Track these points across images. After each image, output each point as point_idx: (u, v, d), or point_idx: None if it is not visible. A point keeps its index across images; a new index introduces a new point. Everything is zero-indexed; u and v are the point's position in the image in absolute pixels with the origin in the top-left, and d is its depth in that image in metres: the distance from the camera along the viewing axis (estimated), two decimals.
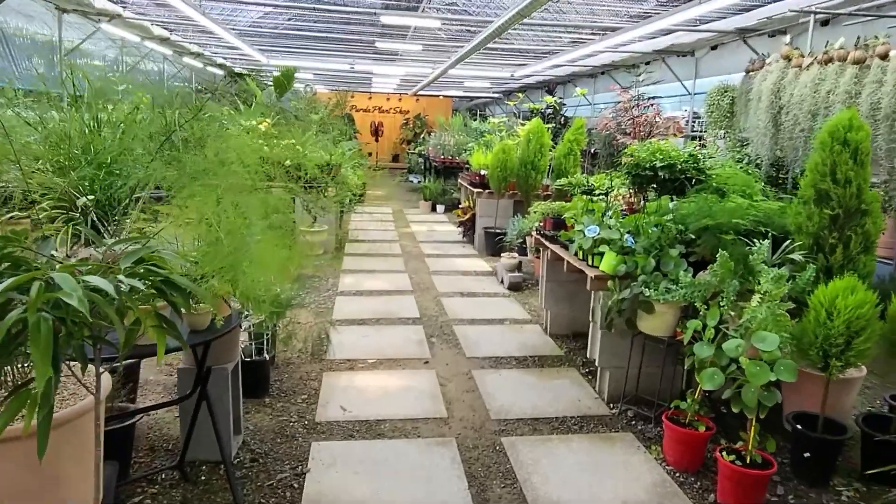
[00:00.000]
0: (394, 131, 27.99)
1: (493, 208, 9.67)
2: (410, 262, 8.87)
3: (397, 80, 20.29)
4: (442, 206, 13.93)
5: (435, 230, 11.66)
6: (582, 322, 5.63)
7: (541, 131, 9.16)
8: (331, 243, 9.18)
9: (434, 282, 7.79)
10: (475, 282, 7.88)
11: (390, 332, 5.77)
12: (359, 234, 10.92)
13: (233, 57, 16.90)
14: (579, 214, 4.92)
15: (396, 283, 7.59)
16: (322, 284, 7.40)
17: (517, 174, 9.28)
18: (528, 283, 7.72)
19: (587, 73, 16.36)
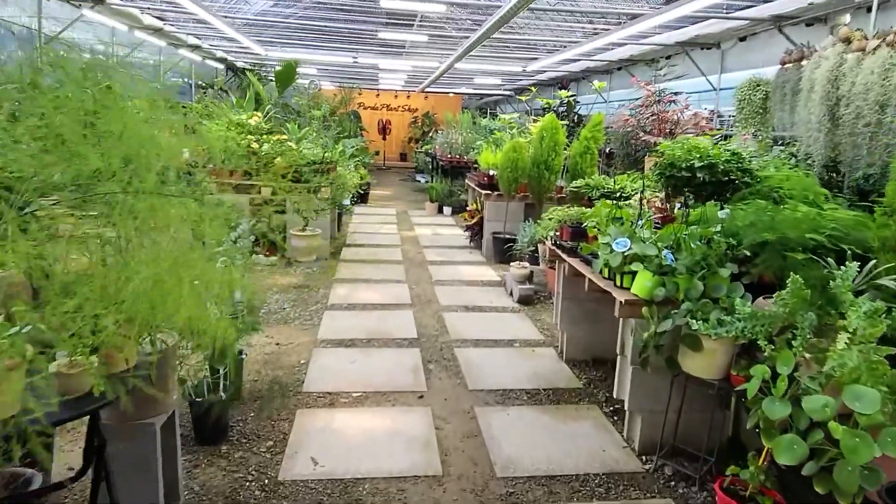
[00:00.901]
0: (402, 130, 27.28)
1: (503, 212, 8.89)
2: (412, 271, 8.11)
3: (404, 75, 19.55)
4: (448, 208, 13.16)
5: (440, 234, 10.90)
6: (604, 346, 4.85)
7: (555, 128, 8.37)
8: (325, 248, 8.43)
9: (436, 293, 7.02)
10: (482, 294, 7.11)
11: (382, 356, 5.00)
12: (358, 237, 10.17)
13: (232, 50, 16.22)
14: (603, 223, 4.14)
15: (394, 295, 6.83)
16: (311, 296, 6.65)
17: (529, 175, 8.49)
18: (541, 297, 6.94)
19: (602, 68, 15.53)
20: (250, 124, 8.45)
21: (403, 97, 27.54)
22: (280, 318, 5.87)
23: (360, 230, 10.88)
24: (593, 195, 7.22)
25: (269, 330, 5.50)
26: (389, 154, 26.77)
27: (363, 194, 14.26)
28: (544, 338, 5.62)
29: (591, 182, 7.33)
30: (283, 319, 5.82)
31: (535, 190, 8.57)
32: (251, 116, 8.57)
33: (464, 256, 9.11)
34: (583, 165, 8.40)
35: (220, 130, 8.15)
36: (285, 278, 7.35)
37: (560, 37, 13.55)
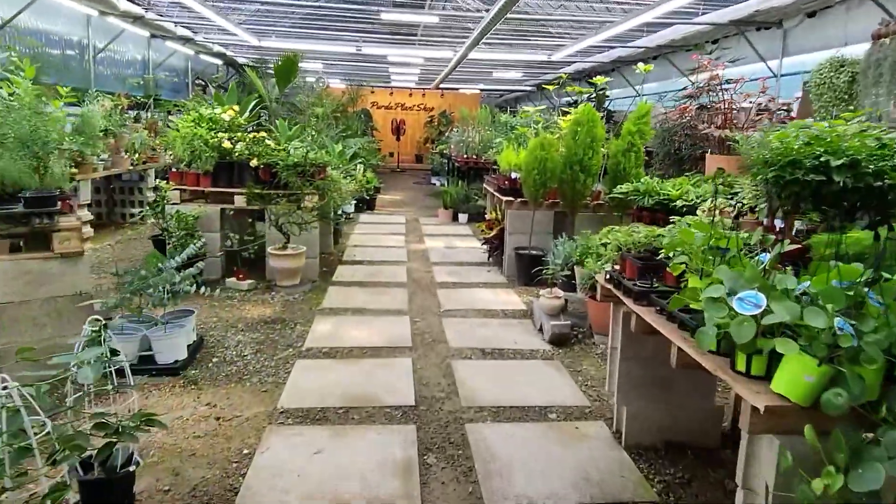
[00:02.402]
0: (417, 130, 25.83)
1: (528, 222, 7.37)
2: (417, 296, 6.62)
3: (417, 70, 18.10)
4: (464, 215, 11.66)
5: (454, 247, 9.39)
6: (684, 426, 3.34)
7: (592, 120, 6.83)
8: (312, 269, 6.97)
9: (445, 330, 5.53)
10: (503, 329, 5.60)
11: (361, 441, 3.51)
12: (357, 252, 8.70)
13: (229, 43, 14.89)
14: (699, 258, 2.61)
15: (391, 334, 5.34)
16: (283, 336, 5.19)
17: (560, 177, 6.97)
18: (579, 335, 5.41)
19: (636, 57, 13.93)
20: (224, 119, 7.03)
21: (418, 95, 26.09)
22: (234, 371, 4.41)
23: (361, 243, 9.41)
24: (644, 203, 5.68)
25: (213, 393, 4.05)
26: (404, 155, 25.35)
27: (369, 200, 12.83)
28: (590, 402, 4.10)
29: (640, 187, 5.79)
30: (238, 375, 4.36)
31: (567, 196, 7.03)
32: (226, 110, 7.15)
33: (481, 276, 7.59)
34: (626, 166, 6.85)
35: (186, 127, 6.74)
36: (258, 309, 5.90)
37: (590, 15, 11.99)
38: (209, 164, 6.60)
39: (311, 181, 6.53)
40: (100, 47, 11.42)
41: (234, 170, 6.78)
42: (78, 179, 7.94)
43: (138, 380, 4.16)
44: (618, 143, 6.97)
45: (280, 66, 11.71)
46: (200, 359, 4.62)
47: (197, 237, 6.36)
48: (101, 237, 8.94)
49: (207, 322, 5.45)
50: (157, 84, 13.55)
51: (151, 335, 4.31)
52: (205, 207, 6.63)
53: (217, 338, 5.07)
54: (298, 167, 6.48)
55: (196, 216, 6.45)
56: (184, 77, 16.14)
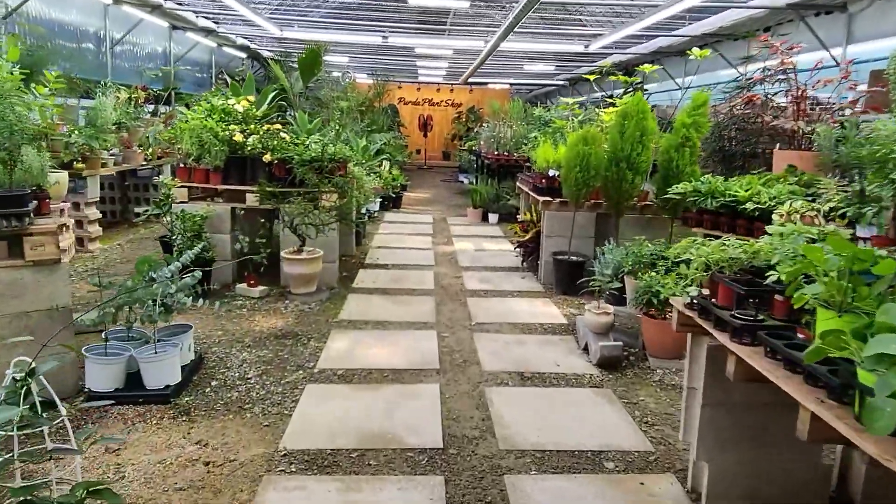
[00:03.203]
0: (445, 126, 25.20)
1: (567, 225, 6.67)
2: (445, 306, 5.97)
3: (445, 63, 17.43)
4: (495, 215, 10.97)
5: (485, 249, 8.72)
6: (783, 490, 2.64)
7: (642, 111, 6.11)
8: (331, 274, 6.36)
9: (477, 348, 4.87)
10: (542, 347, 4.92)
11: (377, 497, 2.87)
12: (381, 254, 8.09)
13: (251, 35, 14.39)
14: (837, 288, 1.90)
15: (416, 352, 4.70)
16: (294, 354, 4.58)
17: (605, 176, 6.26)
18: (631, 356, 4.71)
19: (679, 47, 13.09)
20: (237, 111, 6.46)
21: (446, 91, 25.45)
22: (234, 399, 3.81)
23: (385, 244, 8.79)
24: (706, 205, 4.94)
25: (207, 426, 3.45)
26: (431, 152, 24.74)
27: (395, 198, 12.22)
28: (653, 446, 3.40)
29: (702, 186, 5.05)
30: (238, 403, 3.76)
31: (612, 197, 6.32)
32: (240, 101, 6.58)
33: (515, 283, 6.91)
34: (679, 163, 6.09)
35: (196, 119, 6.19)
36: (268, 320, 5.31)
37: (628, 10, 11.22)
38: (219, 160, 6.03)
39: (330, 178, 5.92)
40: (117, 38, 10.99)
41: (246, 166, 6.21)
42: (85, 175, 7.46)
43: (121, 410, 3.58)
44: (670, 138, 6.22)
45: (304, 57, 11.15)
46: (197, 382, 4.03)
47: (204, 239, 5.79)
48: (112, 236, 8.47)
49: (211, 335, 4.87)
50: (178, 77, 13.12)
51: (139, 356, 3.73)
52: (214, 206, 6.07)
53: (219, 355, 4.48)
54: (315, 162, 5.87)
55: (204, 216, 5.88)
56: (208, 71, 15.72)
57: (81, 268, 6.82)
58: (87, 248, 7.52)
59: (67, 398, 3.67)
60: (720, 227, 4.91)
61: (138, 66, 12.09)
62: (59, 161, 7.31)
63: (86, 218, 7.52)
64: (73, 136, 7.37)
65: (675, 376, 4.40)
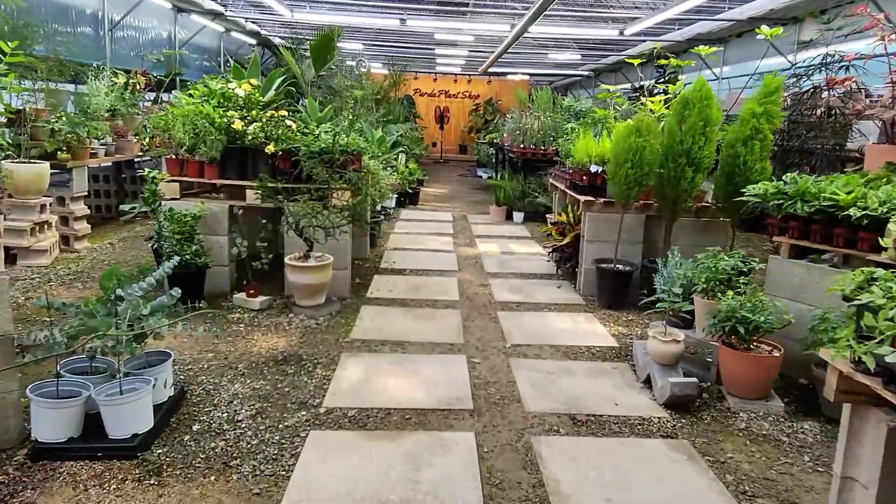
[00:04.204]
0: (462, 119, 24.34)
1: (612, 228, 5.84)
2: (474, 322, 5.17)
3: (465, 51, 16.56)
4: (520, 213, 10.13)
5: (512, 252, 7.90)
6: None
7: (706, 98, 5.24)
8: (342, 282, 5.57)
9: (515, 378, 4.06)
10: (595, 379, 4.10)
11: None
12: (398, 257, 7.28)
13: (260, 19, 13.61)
14: None
15: (443, 385, 3.90)
16: (297, 386, 3.79)
17: (660, 173, 5.42)
18: (705, 394, 3.87)
19: (717, 34, 12.17)
20: (238, 95, 5.67)
21: (464, 82, 24.58)
22: (219, 452, 3.02)
23: (402, 245, 7.99)
24: (796, 210, 4.07)
25: (181, 494, 2.67)
26: (447, 145, 23.88)
27: (412, 193, 11.41)
28: None
29: (788, 188, 4.17)
30: (224, 458, 2.97)
31: (667, 197, 5.48)
32: (241, 84, 5.79)
33: (550, 294, 6.08)
34: (748, 158, 5.23)
35: (190, 103, 5.41)
36: (268, 339, 4.52)
37: None
38: (215, 150, 5.25)
39: (342, 173, 5.11)
40: (116, 19, 10.24)
41: (247, 158, 5.43)
42: (70, 166, 6.71)
43: (74, 468, 2.81)
44: (736, 130, 5.35)
45: (316, 43, 10.34)
46: (175, 426, 3.25)
47: (196, 242, 5.02)
48: (103, 234, 7.73)
49: (199, 359, 4.09)
50: (182, 63, 12.36)
51: (100, 397, 2.95)
52: (208, 204, 5.29)
53: (207, 387, 3.70)
54: (325, 155, 5.07)
55: (197, 215, 5.10)
56: (216, 59, 14.94)
57: (64, 270, 6.07)
58: (73, 248, 6.78)
59: (8, 449, 2.91)
60: (811, 238, 4.06)
61: (141, 52, 11.35)
62: (42, 151, 6.59)
63: (71, 214, 6.77)
64: (58, 123, 6.62)
65: (763, 423, 3.56)
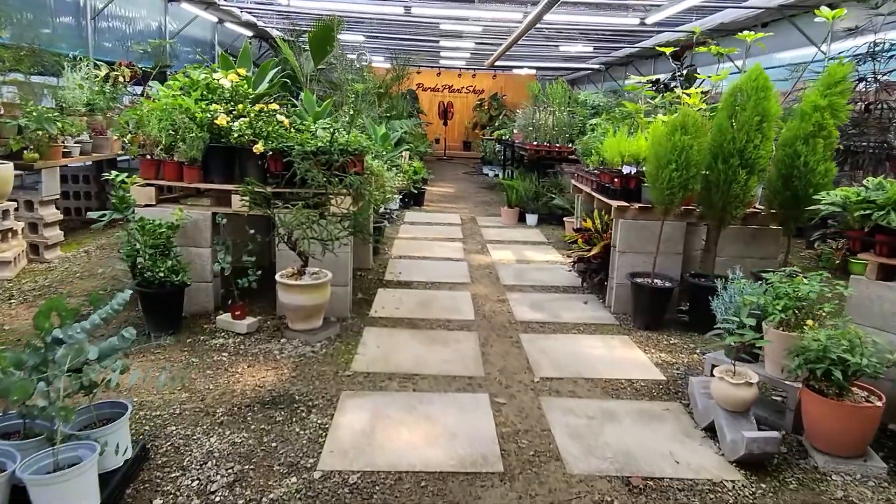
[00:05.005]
0: (466, 114, 23.60)
1: (649, 237, 5.15)
2: (493, 348, 4.48)
3: (471, 44, 15.82)
4: (534, 216, 9.44)
5: (529, 261, 7.20)
6: None
7: (763, 89, 4.54)
8: (342, 301, 4.87)
9: (550, 426, 3.36)
10: (644, 426, 3.41)
11: None
12: (403, 267, 6.59)
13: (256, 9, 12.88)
14: None
15: (464, 436, 3.21)
16: (289, 436, 3.10)
17: (707, 176, 4.73)
18: (791, 451, 3.18)
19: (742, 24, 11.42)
20: (223, 87, 4.97)
21: (468, 77, 23.85)
22: None
23: (408, 252, 7.30)
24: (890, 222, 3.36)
25: None
26: (451, 142, 23.17)
27: (417, 194, 10.71)
28: None
29: (879, 196, 3.46)
30: None
31: (714, 202, 4.79)
32: (227, 75, 5.09)
33: (577, 312, 5.39)
34: (809, 159, 4.54)
35: (168, 95, 4.71)
36: (256, 373, 3.83)
37: None
38: (196, 150, 4.55)
39: (342, 176, 4.41)
40: (99, 7, 9.53)
41: (233, 158, 4.73)
42: (38, 167, 6.01)
43: None
44: (795, 126, 4.66)
45: (315, 33, 9.63)
46: (131, 502, 2.56)
47: (172, 256, 4.32)
48: (79, 240, 7.04)
49: (170, 402, 3.40)
50: (173, 54, 11.64)
51: (27, 474, 2.26)
52: (188, 212, 4.59)
53: (176, 442, 3.01)
54: (322, 155, 4.37)
55: (174, 225, 4.40)
56: (210, 52, 14.22)
57: (30, 284, 5.38)
58: (44, 258, 6.09)
59: None
60: None
61: (128, 44, 10.65)
62: (7, 150, 5.90)
63: (41, 220, 6.08)
64: (24, 119, 5.93)
65: (864, 489, 2.87)
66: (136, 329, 4.35)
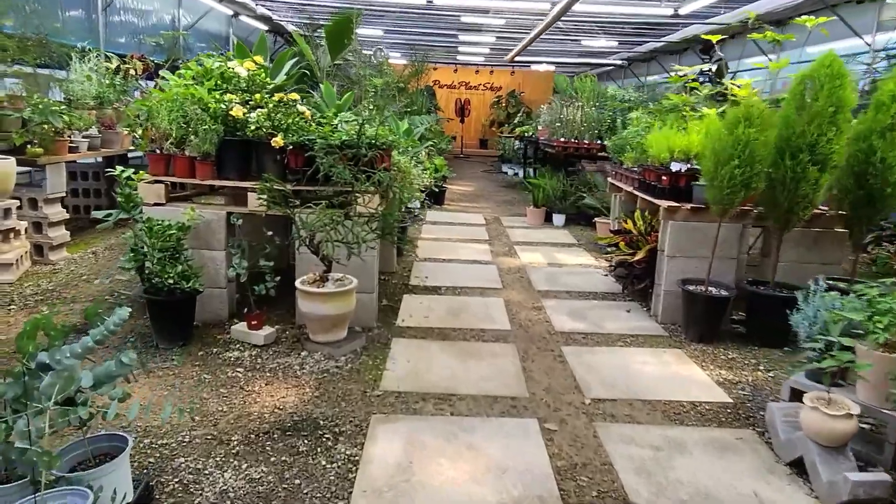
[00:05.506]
0: (483, 111, 23.16)
1: (702, 241, 4.71)
2: (534, 363, 4.05)
3: (491, 38, 15.39)
4: (561, 216, 8.99)
5: (561, 264, 6.76)
6: None
7: (838, 76, 4.08)
8: (368, 310, 4.46)
9: (612, 459, 2.93)
10: (717, 459, 2.97)
11: None
12: (429, 271, 6.18)
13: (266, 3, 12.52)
14: None
15: (513, 473, 2.78)
16: (315, 472, 2.68)
17: (769, 174, 4.28)
18: None
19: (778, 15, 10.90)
20: (239, 76, 4.58)
21: (486, 73, 23.40)
22: None
23: (432, 255, 6.88)
24: None
25: None
26: (468, 140, 22.73)
27: (438, 192, 10.30)
28: None
29: None
30: None
31: (779, 202, 4.32)
32: (243, 63, 4.70)
33: (621, 321, 4.95)
34: (887, 155, 4.07)
35: (179, 85, 4.32)
36: (275, 392, 3.43)
37: None
38: (209, 143, 4.16)
39: (370, 172, 4.00)
40: None
41: (249, 152, 4.34)
42: (42, 163, 5.66)
43: None
44: (870, 118, 4.19)
45: (332, 26, 9.24)
46: None
47: (183, 261, 3.93)
48: (87, 240, 6.69)
49: (178, 428, 3.00)
50: (186, 47, 11.30)
51: None
52: (201, 211, 4.20)
53: (185, 478, 2.61)
54: (349, 149, 3.96)
55: (184, 226, 4.02)
56: (225, 46, 13.88)
57: (32, 289, 5.02)
58: (48, 259, 5.74)
59: None
60: None
61: (140, 37, 10.33)
62: (10, 144, 5.55)
63: (45, 219, 5.72)
64: (29, 111, 5.58)
65: None
66: (144, 340, 4.04)
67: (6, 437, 1.87)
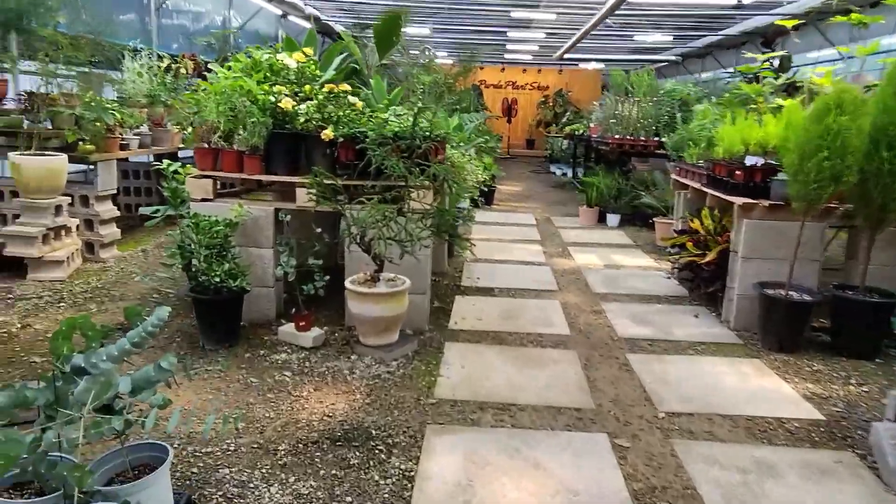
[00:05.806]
0: (529, 111, 22.77)
1: (781, 241, 4.33)
2: (598, 371, 3.76)
3: (541, 35, 15.06)
4: (615, 216, 8.62)
5: (619, 266, 6.42)
6: None
7: None
8: (420, 312, 4.24)
9: (695, 484, 2.62)
10: (813, 486, 2.63)
11: None
12: (481, 272, 5.93)
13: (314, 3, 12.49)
14: None
15: (585, 496, 2.51)
16: (368, 488, 2.46)
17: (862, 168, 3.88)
18: None
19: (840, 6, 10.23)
20: (289, 67, 4.42)
21: (533, 72, 23.04)
22: None
23: (484, 255, 6.62)
24: None
25: None
26: (514, 140, 22.38)
27: (488, 192, 10.04)
28: None
29: None
30: None
31: (872, 199, 3.91)
32: (293, 55, 4.54)
33: (689, 327, 4.60)
34: None
35: (228, 77, 4.19)
36: (324, 399, 3.23)
37: None
38: (257, 137, 4.01)
39: (425, 165, 3.78)
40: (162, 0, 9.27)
41: (298, 146, 4.17)
42: (94, 160, 5.63)
43: None
44: None
45: (381, 25, 9.09)
46: None
47: (230, 258, 3.78)
48: (137, 238, 6.67)
49: (222, 436, 2.83)
50: (236, 47, 11.35)
51: None
52: (248, 207, 4.05)
53: (228, 492, 2.43)
54: (402, 141, 3.75)
55: (231, 223, 3.87)
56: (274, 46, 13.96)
57: (81, 286, 4.98)
58: (99, 257, 5.72)
59: None
60: None
61: (192, 37, 10.41)
62: (63, 142, 5.54)
63: (97, 217, 5.70)
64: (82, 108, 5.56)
65: None
66: (190, 341, 3.91)
67: (36, 447, 1.71)
